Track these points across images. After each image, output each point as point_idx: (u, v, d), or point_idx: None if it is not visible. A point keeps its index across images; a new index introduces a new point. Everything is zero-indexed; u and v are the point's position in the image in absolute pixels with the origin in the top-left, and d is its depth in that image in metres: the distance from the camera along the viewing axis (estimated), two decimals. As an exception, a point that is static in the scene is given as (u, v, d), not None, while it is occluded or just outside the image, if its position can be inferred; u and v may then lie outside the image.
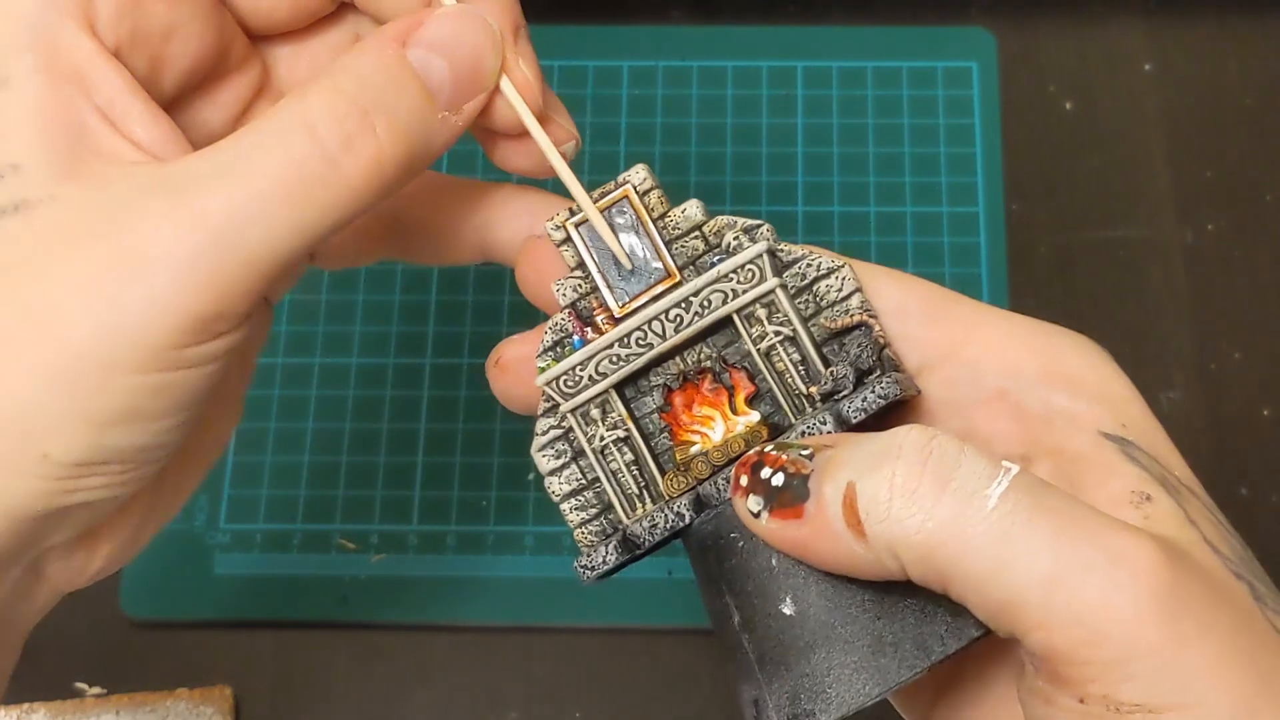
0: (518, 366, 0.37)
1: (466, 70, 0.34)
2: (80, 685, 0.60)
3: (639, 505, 0.36)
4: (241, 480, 0.63)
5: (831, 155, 0.68)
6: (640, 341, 0.35)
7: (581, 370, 0.36)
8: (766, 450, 0.32)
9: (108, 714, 0.59)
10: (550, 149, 0.36)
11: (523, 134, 0.36)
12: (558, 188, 0.37)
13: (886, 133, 0.69)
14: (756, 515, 0.32)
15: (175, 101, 0.36)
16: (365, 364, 0.65)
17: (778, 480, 0.31)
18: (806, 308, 0.35)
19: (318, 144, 0.32)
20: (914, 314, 0.35)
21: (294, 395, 0.65)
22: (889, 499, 0.29)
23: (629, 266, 0.36)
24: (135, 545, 0.37)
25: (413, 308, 0.66)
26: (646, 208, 0.36)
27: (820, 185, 0.68)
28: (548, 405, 0.36)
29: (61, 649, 0.61)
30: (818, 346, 0.35)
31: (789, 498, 0.31)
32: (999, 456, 0.30)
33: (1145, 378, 0.65)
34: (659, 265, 0.36)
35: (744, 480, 0.32)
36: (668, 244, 0.36)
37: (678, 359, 0.36)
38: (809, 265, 0.35)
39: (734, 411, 0.36)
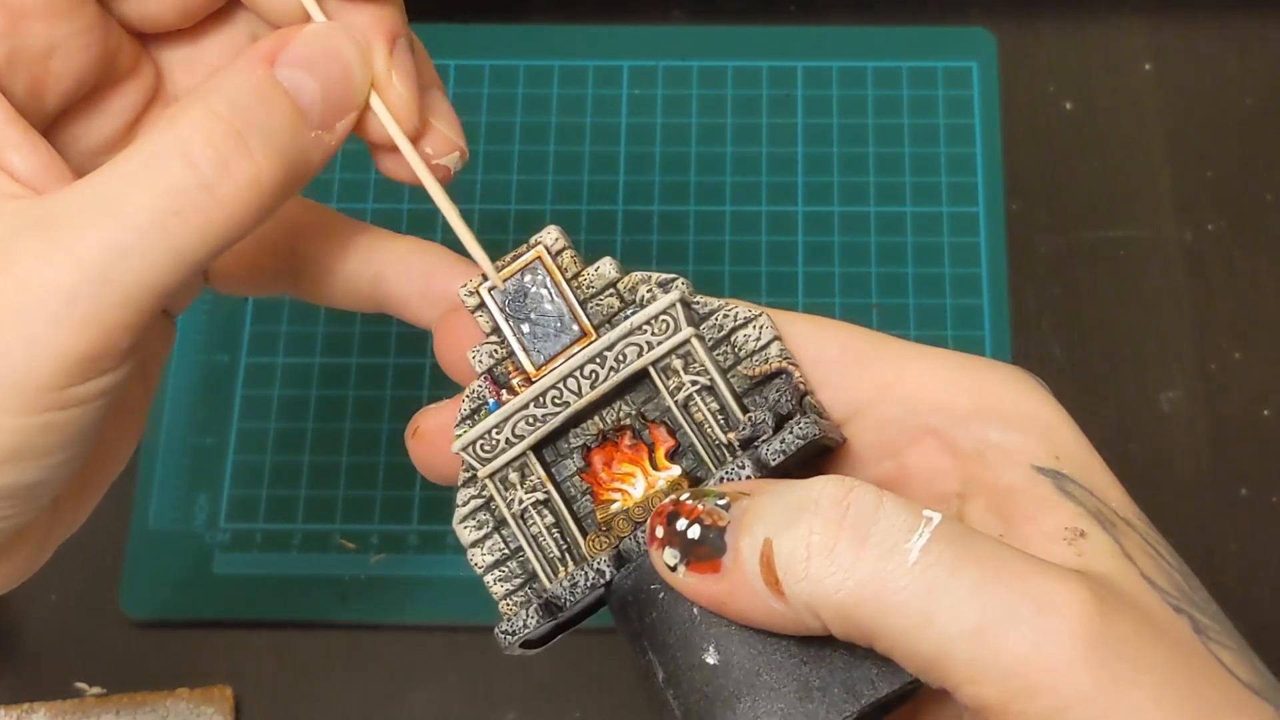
0: (435, 436, 0.36)
1: (336, 88, 0.33)
2: (80, 685, 0.61)
3: (561, 569, 0.35)
4: (241, 480, 0.63)
5: (831, 155, 0.68)
6: (556, 400, 0.34)
7: (498, 433, 0.35)
8: (682, 499, 0.31)
9: (108, 714, 0.59)
10: (421, 167, 0.35)
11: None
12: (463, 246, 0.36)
13: (886, 133, 0.69)
14: (673, 569, 0.31)
15: (62, 116, 0.35)
16: (365, 364, 0.65)
17: (694, 533, 0.30)
18: (725, 359, 0.34)
19: (193, 170, 0.31)
20: (838, 360, 0.34)
21: (294, 395, 0.65)
22: (806, 558, 0.29)
23: (542, 327, 0.35)
24: (36, 561, 0.36)
25: (413, 308, 0.66)
26: (560, 268, 0.35)
27: (820, 185, 0.68)
28: (467, 475, 0.35)
29: (61, 649, 0.61)
30: (737, 396, 0.34)
31: (705, 551, 0.30)
32: (935, 496, 0.29)
33: (1145, 378, 0.65)
34: (575, 326, 0.35)
35: (660, 531, 0.31)
36: (583, 303, 0.35)
37: (597, 418, 0.35)
38: (725, 316, 0.35)
39: (655, 467, 0.35)
